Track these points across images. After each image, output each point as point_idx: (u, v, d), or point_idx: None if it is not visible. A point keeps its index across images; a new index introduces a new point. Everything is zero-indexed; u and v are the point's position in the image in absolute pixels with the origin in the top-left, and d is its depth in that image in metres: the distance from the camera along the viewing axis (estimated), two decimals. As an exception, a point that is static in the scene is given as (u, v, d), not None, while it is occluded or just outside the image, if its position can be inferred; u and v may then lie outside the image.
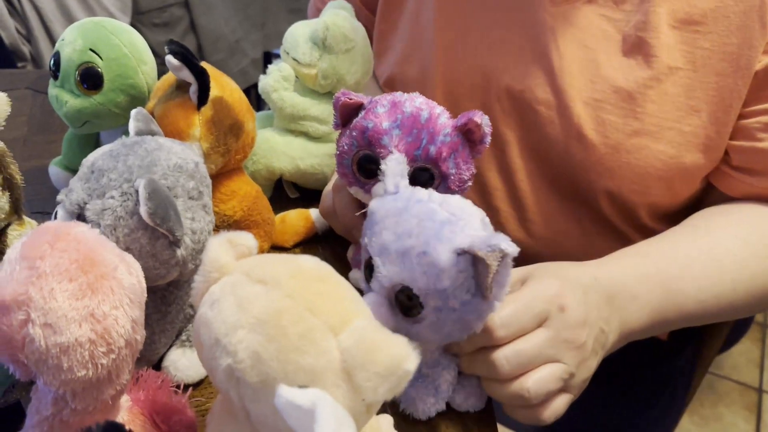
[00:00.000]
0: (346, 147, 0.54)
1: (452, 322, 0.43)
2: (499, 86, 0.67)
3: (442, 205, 0.43)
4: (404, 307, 0.43)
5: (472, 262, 0.40)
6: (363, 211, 0.59)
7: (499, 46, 0.67)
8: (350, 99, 0.53)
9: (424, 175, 0.52)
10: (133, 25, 0.65)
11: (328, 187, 0.65)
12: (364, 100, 0.54)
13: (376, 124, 0.52)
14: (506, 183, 0.70)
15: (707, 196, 0.67)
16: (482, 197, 0.72)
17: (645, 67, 0.60)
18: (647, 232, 0.64)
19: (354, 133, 0.53)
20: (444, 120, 0.52)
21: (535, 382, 0.46)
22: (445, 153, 0.51)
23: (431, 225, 0.42)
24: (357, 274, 0.62)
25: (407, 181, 0.47)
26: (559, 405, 0.48)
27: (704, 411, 1.62)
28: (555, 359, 0.47)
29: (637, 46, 0.60)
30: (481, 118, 0.50)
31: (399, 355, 0.31)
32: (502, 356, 0.46)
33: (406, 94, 0.54)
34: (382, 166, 0.47)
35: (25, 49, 1.59)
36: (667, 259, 0.58)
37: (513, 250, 0.39)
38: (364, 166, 0.54)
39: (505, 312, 0.46)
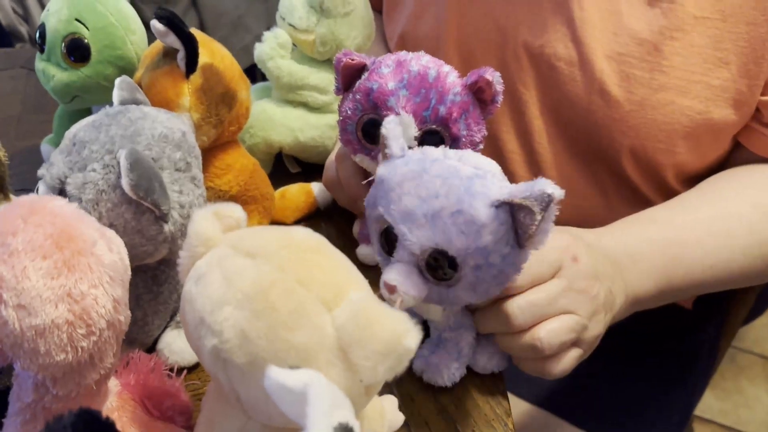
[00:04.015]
0: (349, 111, 0.51)
1: (491, 279, 0.40)
2: (516, 42, 0.64)
3: (461, 160, 0.40)
4: (437, 272, 0.40)
5: (511, 212, 0.38)
6: (369, 179, 0.56)
7: None
8: (352, 60, 0.50)
9: (433, 139, 0.49)
10: (131, 2, 0.62)
11: (331, 157, 0.63)
12: (367, 60, 0.51)
13: (381, 84, 0.49)
14: (524, 146, 0.67)
15: (735, 158, 0.64)
16: (498, 161, 0.68)
17: (670, 17, 0.57)
18: (673, 197, 0.61)
19: (358, 96, 0.50)
20: (453, 78, 0.49)
21: (548, 332, 0.45)
22: (456, 113, 0.48)
23: (458, 182, 0.39)
24: (365, 249, 0.60)
25: (412, 142, 0.44)
26: (569, 359, 0.47)
27: (726, 384, 1.59)
28: (568, 310, 0.46)
29: None
30: (492, 75, 0.47)
31: (398, 331, 0.28)
32: (516, 306, 0.45)
33: (411, 53, 0.51)
34: (381, 130, 0.43)
35: (23, 29, 1.57)
36: (673, 225, 0.56)
37: (559, 193, 0.37)
38: (370, 132, 0.51)
39: None
